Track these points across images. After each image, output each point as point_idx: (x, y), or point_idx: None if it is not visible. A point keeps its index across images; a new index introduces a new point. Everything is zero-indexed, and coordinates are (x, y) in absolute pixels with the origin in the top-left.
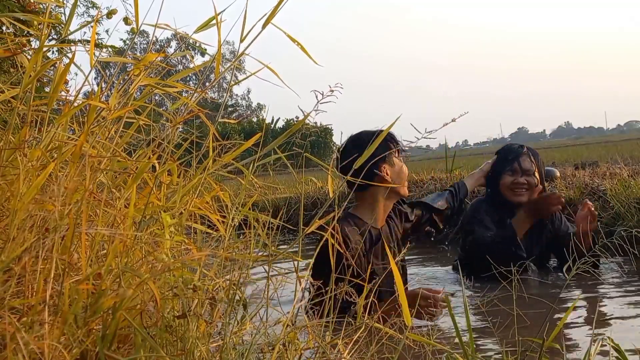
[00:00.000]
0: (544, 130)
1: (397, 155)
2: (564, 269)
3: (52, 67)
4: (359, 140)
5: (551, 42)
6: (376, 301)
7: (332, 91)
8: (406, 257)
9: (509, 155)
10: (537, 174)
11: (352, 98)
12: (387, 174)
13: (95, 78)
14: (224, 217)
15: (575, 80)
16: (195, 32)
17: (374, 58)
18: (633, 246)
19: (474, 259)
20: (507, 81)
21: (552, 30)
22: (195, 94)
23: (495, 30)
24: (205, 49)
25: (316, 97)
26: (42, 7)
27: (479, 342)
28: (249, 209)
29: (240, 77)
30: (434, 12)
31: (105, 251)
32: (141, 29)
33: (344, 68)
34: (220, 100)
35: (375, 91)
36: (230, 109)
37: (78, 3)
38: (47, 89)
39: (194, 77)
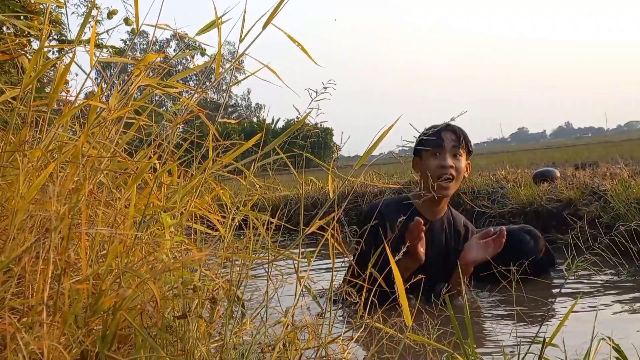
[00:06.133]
0: (544, 130)
1: (428, 151)
2: (564, 266)
3: (52, 68)
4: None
5: (551, 42)
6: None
7: (326, 88)
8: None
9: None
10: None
11: (354, 100)
12: (417, 167)
13: (95, 78)
14: (224, 217)
15: (575, 80)
16: (197, 35)
17: (378, 67)
18: (633, 244)
19: None
20: (508, 81)
21: (551, 30)
22: (196, 94)
23: (495, 31)
24: (205, 49)
25: (310, 95)
26: (42, 7)
27: (479, 342)
28: (250, 209)
29: (240, 78)
30: (433, 20)
31: (105, 251)
32: (141, 29)
33: (346, 73)
34: (220, 101)
35: (380, 97)
36: (230, 109)
37: (78, 3)
38: (47, 89)
39: (194, 76)
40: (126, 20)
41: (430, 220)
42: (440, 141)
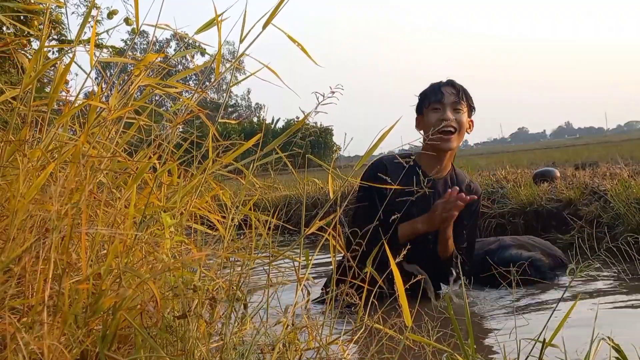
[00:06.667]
0: (544, 130)
1: (428, 106)
2: (567, 271)
3: (52, 68)
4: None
5: (551, 41)
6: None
7: (333, 92)
8: None
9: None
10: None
11: (354, 100)
12: (420, 125)
13: (95, 78)
14: (224, 217)
15: (575, 80)
16: (196, 33)
17: (378, 67)
18: (632, 247)
19: None
20: (508, 81)
21: (551, 30)
22: (196, 94)
23: (495, 31)
24: (205, 49)
25: (317, 98)
26: (42, 7)
27: (479, 343)
28: (249, 209)
29: (240, 78)
30: (433, 20)
31: (105, 251)
32: (141, 29)
33: (346, 73)
34: (220, 101)
35: (380, 97)
36: (230, 109)
37: (78, 3)
38: (47, 89)
39: (194, 76)
40: (126, 20)
41: (434, 179)
42: (440, 96)
